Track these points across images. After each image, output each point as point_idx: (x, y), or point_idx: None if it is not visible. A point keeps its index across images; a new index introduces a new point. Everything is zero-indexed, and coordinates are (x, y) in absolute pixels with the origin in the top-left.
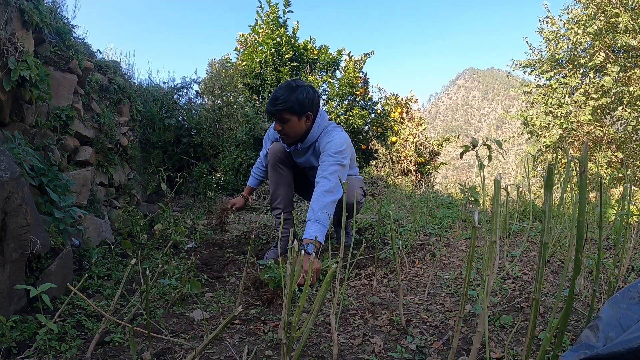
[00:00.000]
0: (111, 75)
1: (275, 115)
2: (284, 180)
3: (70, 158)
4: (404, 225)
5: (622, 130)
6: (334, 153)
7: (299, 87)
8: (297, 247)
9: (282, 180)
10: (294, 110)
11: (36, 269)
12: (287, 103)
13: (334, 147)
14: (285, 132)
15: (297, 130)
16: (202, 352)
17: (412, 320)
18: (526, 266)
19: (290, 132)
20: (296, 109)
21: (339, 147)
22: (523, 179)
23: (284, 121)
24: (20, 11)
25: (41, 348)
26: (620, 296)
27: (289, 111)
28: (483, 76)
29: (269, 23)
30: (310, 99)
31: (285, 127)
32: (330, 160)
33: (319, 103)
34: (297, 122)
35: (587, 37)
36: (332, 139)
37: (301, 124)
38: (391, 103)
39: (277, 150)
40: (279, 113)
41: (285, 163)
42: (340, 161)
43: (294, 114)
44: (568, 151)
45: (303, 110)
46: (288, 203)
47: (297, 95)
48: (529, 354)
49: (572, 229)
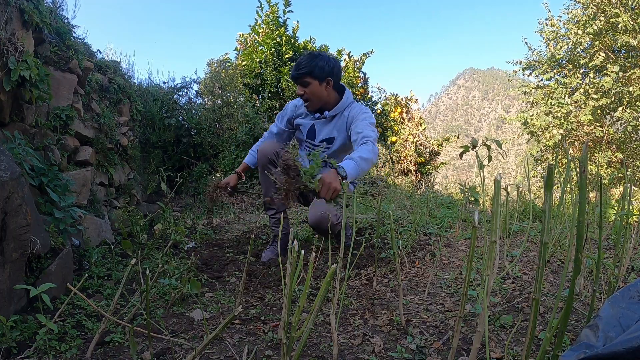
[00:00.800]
0: (111, 75)
1: (298, 79)
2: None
3: (70, 158)
4: (404, 225)
5: (622, 131)
6: (371, 124)
7: (320, 55)
8: (297, 247)
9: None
10: (315, 74)
11: (36, 269)
12: (308, 67)
13: (370, 118)
14: (308, 97)
15: (318, 95)
16: (202, 352)
17: (412, 320)
18: (526, 266)
19: (312, 96)
20: (317, 74)
21: (373, 119)
22: (523, 179)
23: (306, 85)
24: (20, 11)
25: (41, 348)
26: (620, 295)
27: (310, 75)
28: (483, 76)
29: (268, 23)
30: (332, 65)
31: (307, 90)
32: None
33: (339, 72)
34: (317, 86)
35: (587, 37)
36: (367, 111)
37: (322, 89)
38: (391, 103)
39: (267, 152)
40: (301, 77)
41: (275, 163)
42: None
43: (315, 78)
44: (568, 151)
45: (323, 75)
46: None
47: (318, 61)
48: (529, 354)
49: (572, 229)
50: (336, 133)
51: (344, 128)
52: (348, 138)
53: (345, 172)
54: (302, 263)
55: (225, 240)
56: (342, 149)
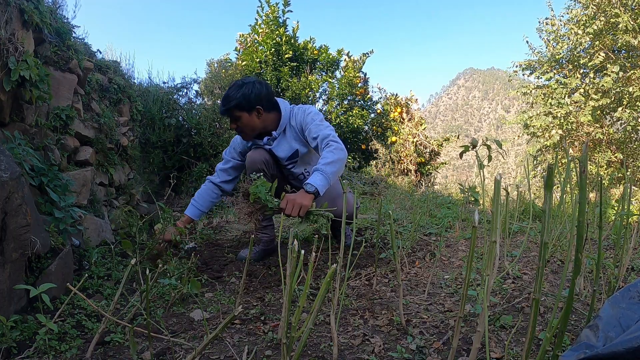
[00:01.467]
0: (111, 75)
1: (227, 113)
2: None
3: (70, 158)
4: (404, 225)
5: (621, 131)
6: (320, 121)
7: (244, 84)
8: (297, 247)
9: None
10: (242, 106)
11: (36, 269)
12: (234, 100)
13: (317, 116)
14: (241, 129)
15: (251, 125)
16: (202, 352)
17: (412, 320)
18: (526, 266)
19: (245, 128)
20: (244, 105)
21: (319, 114)
22: (523, 179)
23: (236, 119)
24: (20, 11)
25: (41, 348)
26: (620, 296)
27: (237, 108)
28: (483, 76)
29: (268, 23)
30: (257, 93)
31: (239, 124)
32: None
33: (268, 95)
34: (248, 117)
35: (587, 37)
36: (310, 110)
37: (253, 119)
38: (391, 103)
39: (256, 161)
40: (229, 111)
41: (265, 172)
42: (330, 127)
43: (243, 110)
44: (568, 151)
45: (251, 105)
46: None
47: (243, 91)
48: (529, 354)
49: (572, 229)
50: (296, 145)
51: (299, 136)
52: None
53: (314, 186)
54: (302, 263)
55: (225, 240)
56: (309, 153)
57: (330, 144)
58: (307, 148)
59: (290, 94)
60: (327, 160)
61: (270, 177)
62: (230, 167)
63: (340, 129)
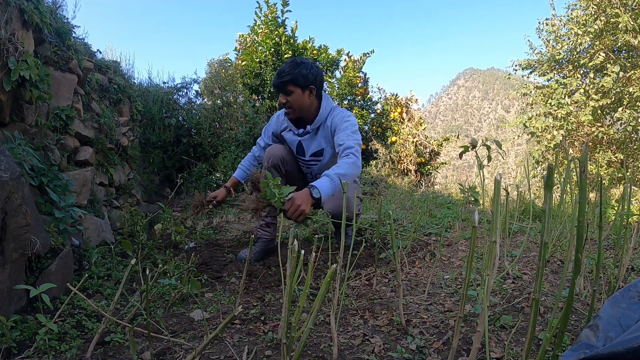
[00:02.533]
0: (111, 75)
1: (281, 87)
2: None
3: (70, 158)
4: (404, 225)
5: (621, 131)
6: (353, 132)
7: (303, 63)
8: (297, 247)
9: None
10: (298, 82)
11: (36, 269)
12: (291, 75)
13: (352, 126)
14: (290, 105)
15: (301, 103)
16: (202, 352)
17: (412, 320)
18: (526, 266)
19: (295, 104)
20: (300, 82)
21: (355, 126)
22: (523, 179)
23: (289, 93)
24: (20, 11)
25: (41, 348)
26: (620, 295)
27: (293, 83)
28: (483, 76)
29: (267, 23)
30: (314, 74)
31: (290, 99)
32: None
33: (322, 80)
34: (300, 95)
35: (587, 38)
36: (349, 118)
37: (305, 98)
38: (391, 103)
39: (273, 155)
40: (284, 85)
41: (279, 168)
42: (359, 141)
43: (298, 86)
44: (568, 151)
45: (307, 83)
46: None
47: (301, 69)
48: (529, 354)
49: (572, 229)
50: (324, 144)
51: (330, 137)
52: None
53: (320, 192)
54: (302, 263)
55: (225, 240)
56: (333, 159)
57: (350, 155)
58: (333, 150)
59: None
60: (340, 170)
61: (285, 174)
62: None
63: None
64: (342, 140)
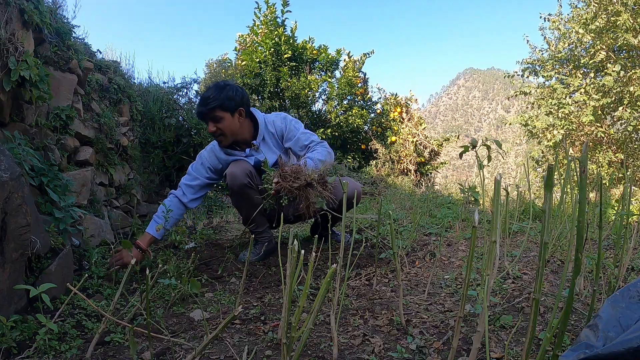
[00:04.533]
0: (111, 75)
1: (209, 115)
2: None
3: (70, 158)
4: (404, 225)
5: (622, 130)
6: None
7: (227, 86)
8: (297, 247)
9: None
10: (226, 106)
11: (36, 269)
12: (218, 100)
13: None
14: (222, 132)
15: (233, 128)
16: (202, 352)
17: (412, 320)
18: (526, 266)
19: (227, 130)
20: (228, 105)
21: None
22: (523, 179)
23: (218, 120)
24: (20, 11)
25: (41, 348)
26: (620, 295)
27: (221, 108)
28: (483, 76)
29: (267, 23)
30: (240, 95)
31: (220, 125)
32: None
33: (248, 98)
34: (230, 119)
35: (588, 36)
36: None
37: (235, 121)
38: (391, 103)
39: (238, 175)
40: (212, 112)
41: (252, 187)
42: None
43: (227, 110)
44: (569, 151)
45: (235, 106)
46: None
47: (227, 92)
48: (529, 354)
49: (572, 229)
50: (277, 151)
51: (279, 143)
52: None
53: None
54: (302, 263)
55: (225, 240)
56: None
57: (321, 144)
58: (288, 155)
59: (290, 93)
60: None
61: (256, 189)
62: (198, 185)
63: (340, 128)
64: (305, 141)
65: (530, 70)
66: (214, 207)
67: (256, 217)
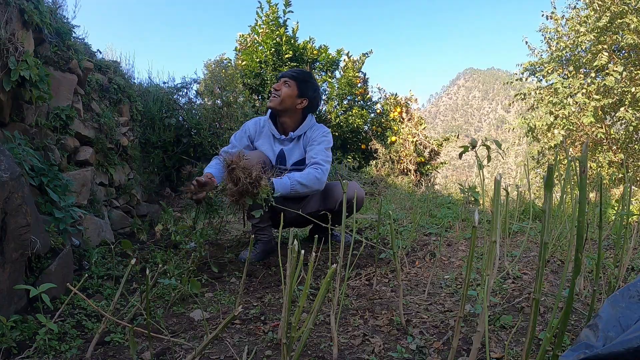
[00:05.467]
0: (111, 75)
1: (286, 75)
2: None
3: (70, 158)
4: (404, 225)
5: (622, 130)
6: (327, 149)
7: (312, 78)
8: (297, 247)
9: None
10: (300, 84)
11: (36, 269)
12: (301, 75)
13: (328, 143)
14: (280, 94)
15: (288, 102)
16: (202, 352)
17: (412, 320)
18: (526, 266)
19: (284, 96)
20: (302, 86)
21: (330, 143)
22: (523, 179)
23: (287, 84)
24: (20, 11)
25: (41, 348)
26: (620, 295)
27: (296, 80)
28: (483, 76)
29: (268, 23)
30: (316, 94)
31: (284, 89)
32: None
33: (317, 105)
34: (294, 94)
35: (590, 36)
36: (327, 135)
37: (294, 100)
38: (391, 103)
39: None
40: (289, 76)
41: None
42: (329, 159)
43: (298, 87)
44: (569, 151)
45: (305, 90)
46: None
47: (312, 81)
48: (529, 354)
49: (572, 229)
50: (299, 152)
51: (305, 146)
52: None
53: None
54: (302, 263)
55: (225, 240)
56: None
57: (318, 169)
58: None
59: None
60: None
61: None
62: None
63: (340, 128)
64: (315, 154)
65: (530, 71)
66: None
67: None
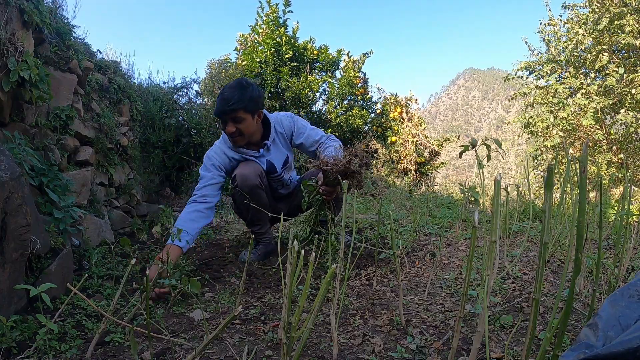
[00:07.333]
0: (111, 75)
1: (230, 114)
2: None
3: (70, 158)
4: (404, 225)
5: (622, 130)
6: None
7: (249, 86)
8: (297, 247)
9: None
10: (248, 108)
11: (36, 269)
12: (242, 102)
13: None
14: (241, 132)
15: (252, 129)
16: (202, 352)
17: (412, 320)
18: (526, 266)
19: (246, 130)
20: (250, 107)
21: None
22: (523, 179)
23: (239, 121)
24: (20, 11)
25: (41, 348)
26: (620, 294)
27: (244, 110)
28: (483, 76)
29: (269, 23)
30: (261, 96)
31: (240, 126)
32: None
33: (262, 96)
34: (251, 120)
35: (589, 37)
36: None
37: (254, 123)
38: (391, 103)
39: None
40: (234, 112)
41: (262, 188)
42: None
43: (248, 112)
44: (568, 151)
45: (256, 107)
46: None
47: (250, 92)
48: (529, 354)
49: (572, 229)
50: (285, 151)
51: (287, 143)
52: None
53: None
54: (302, 263)
55: (225, 240)
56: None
57: (330, 137)
58: (293, 154)
59: (290, 93)
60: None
61: (265, 189)
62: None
63: (340, 129)
64: (313, 138)
65: (529, 70)
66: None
67: (261, 216)
